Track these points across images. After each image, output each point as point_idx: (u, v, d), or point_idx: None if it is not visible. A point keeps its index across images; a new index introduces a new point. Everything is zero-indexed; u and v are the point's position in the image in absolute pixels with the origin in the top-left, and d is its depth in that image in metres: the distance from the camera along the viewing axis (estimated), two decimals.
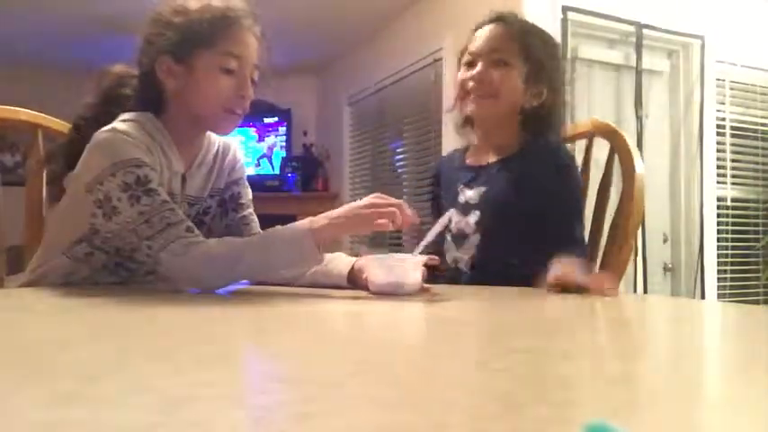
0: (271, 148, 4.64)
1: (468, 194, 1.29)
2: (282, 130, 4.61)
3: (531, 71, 1.26)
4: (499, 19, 1.30)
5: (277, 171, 4.51)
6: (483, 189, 1.27)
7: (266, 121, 4.62)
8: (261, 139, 4.66)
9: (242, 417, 0.32)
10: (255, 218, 1.24)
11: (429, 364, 0.47)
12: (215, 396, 0.36)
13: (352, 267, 1.05)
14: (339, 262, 1.08)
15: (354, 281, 1.04)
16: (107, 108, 1.11)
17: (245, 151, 4.58)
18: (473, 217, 1.26)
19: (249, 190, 1.25)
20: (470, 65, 1.28)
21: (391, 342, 0.59)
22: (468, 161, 1.36)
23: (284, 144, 4.61)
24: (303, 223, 0.97)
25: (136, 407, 0.33)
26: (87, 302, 0.85)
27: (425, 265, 1.02)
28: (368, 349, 0.55)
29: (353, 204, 0.98)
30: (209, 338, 0.60)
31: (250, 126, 4.62)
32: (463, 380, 0.42)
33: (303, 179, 4.42)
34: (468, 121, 1.36)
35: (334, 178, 4.48)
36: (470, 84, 1.27)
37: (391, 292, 0.96)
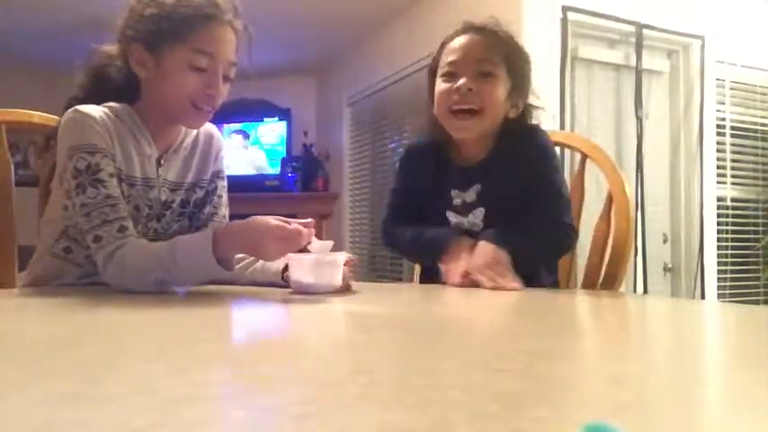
0: (271, 149, 4.64)
1: (464, 195, 1.26)
2: (282, 130, 4.61)
3: (514, 84, 1.23)
4: (478, 29, 1.23)
5: (277, 171, 4.51)
6: (478, 187, 1.24)
7: (266, 121, 4.62)
8: (261, 139, 4.66)
9: (242, 417, 0.32)
10: (226, 221, 1.21)
11: (429, 364, 0.47)
12: (215, 396, 0.36)
13: (287, 265, 1.05)
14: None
15: (288, 278, 1.04)
16: (95, 86, 1.12)
17: (245, 150, 4.59)
18: (479, 214, 1.24)
19: (225, 183, 1.24)
20: (451, 76, 1.21)
21: (391, 342, 0.59)
22: (450, 163, 1.29)
23: (284, 144, 4.60)
24: (206, 240, 0.93)
25: (136, 407, 0.33)
26: (87, 302, 0.85)
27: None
28: (367, 349, 0.55)
29: (262, 227, 0.93)
30: (209, 338, 0.60)
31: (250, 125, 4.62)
32: (463, 380, 0.42)
33: (303, 179, 4.42)
34: (439, 130, 1.28)
35: (334, 178, 4.48)
36: (455, 97, 1.19)
37: (307, 291, 0.97)
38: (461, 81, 1.19)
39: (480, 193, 1.25)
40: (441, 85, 1.23)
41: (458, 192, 1.27)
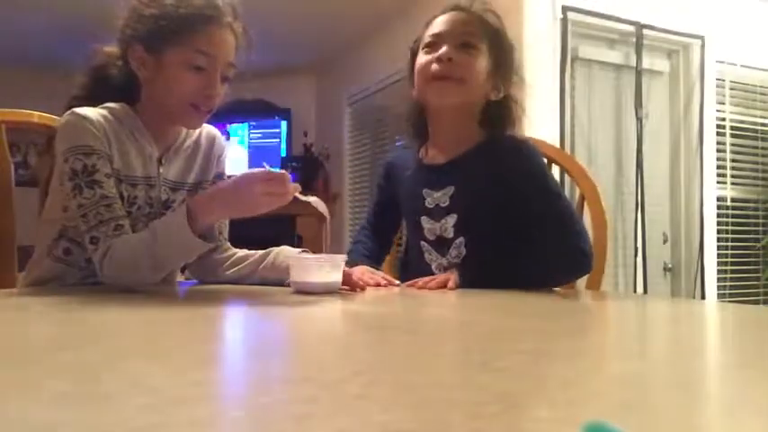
0: (271, 148, 4.63)
1: (436, 197, 1.22)
2: (282, 130, 4.61)
3: (494, 62, 1.20)
4: (461, 7, 1.22)
5: (277, 171, 4.49)
6: (451, 189, 1.21)
7: (266, 121, 4.62)
8: (261, 138, 4.65)
9: (242, 417, 0.32)
10: (225, 224, 1.21)
11: (429, 364, 0.47)
12: (215, 396, 0.36)
13: None
14: (285, 256, 1.09)
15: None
16: (96, 86, 1.13)
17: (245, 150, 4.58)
18: (450, 220, 1.20)
19: None
20: (432, 47, 1.19)
21: (391, 342, 0.59)
22: (424, 161, 1.28)
23: (284, 144, 4.60)
24: (180, 216, 0.94)
25: (136, 407, 0.33)
26: (86, 303, 0.85)
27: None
28: (367, 349, 0.55)
29: (244, 180, 0.94)
30: (209, 338, 0.60)
31: (250, 125, 4.61)
32: (463, 380, 0.42)
33: (303, 179, 4.41)
34: (420, 121, 1.29)
35: (334, 178, 4.48)
36: (434, 66, 1.16)
37: (307, 291, 0.97)
38: (443, 49, 1.16)
39: (453, 197, 1.20)
40: (422, 57, 1.21)
41: (429, 191, 1.23)
